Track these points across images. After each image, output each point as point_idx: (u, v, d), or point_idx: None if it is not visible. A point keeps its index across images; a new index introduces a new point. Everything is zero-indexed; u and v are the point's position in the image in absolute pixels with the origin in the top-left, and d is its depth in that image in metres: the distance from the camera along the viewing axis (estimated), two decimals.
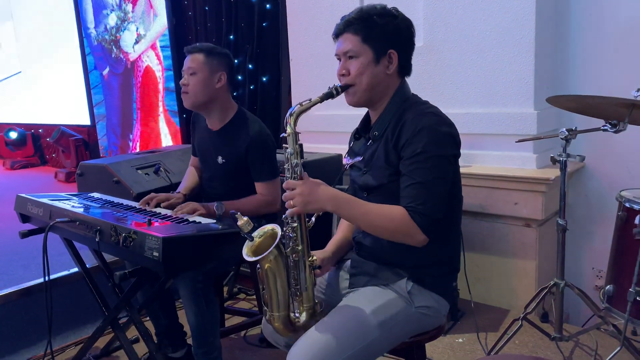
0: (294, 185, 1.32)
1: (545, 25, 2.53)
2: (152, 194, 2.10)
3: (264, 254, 1.29)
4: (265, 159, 2.09)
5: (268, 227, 1.37)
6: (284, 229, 1.36)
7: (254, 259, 1.30)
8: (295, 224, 1.35)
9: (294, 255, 1.36)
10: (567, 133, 1.95)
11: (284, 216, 1.36)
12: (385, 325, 1.36)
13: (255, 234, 1.35)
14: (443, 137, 1.36)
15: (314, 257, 1.40)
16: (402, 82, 1.48)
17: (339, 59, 1.46)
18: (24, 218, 2.17)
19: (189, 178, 2.36)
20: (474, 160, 2.72)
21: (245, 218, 1.33)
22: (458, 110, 2.65)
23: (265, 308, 1.38)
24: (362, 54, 1.40)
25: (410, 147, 1.34)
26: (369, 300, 1.40)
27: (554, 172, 2.39)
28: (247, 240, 1.34)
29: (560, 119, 2.61)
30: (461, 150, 1.44)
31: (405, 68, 1.47)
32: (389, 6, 1.45)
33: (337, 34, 1.46)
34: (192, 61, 2.07)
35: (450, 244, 1.49)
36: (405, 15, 1.46)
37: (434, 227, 1.31)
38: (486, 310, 2.65)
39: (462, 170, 1.49)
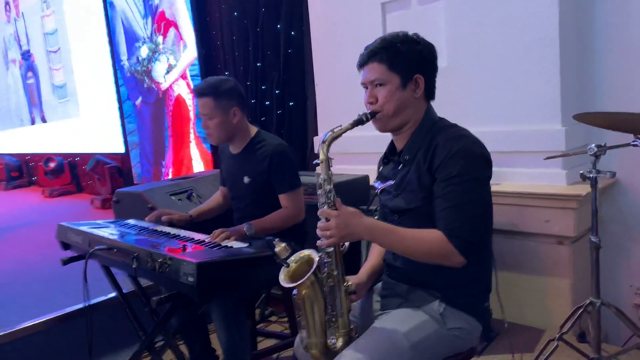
0: (328, 215, 1.33)
1: (570, 41, 2.53)
2: (161, 210, 2.23)
3: (302, 280, 1.31)
4: (286, 170, 2.14)
5: (304, 252, 1.39)
6: (319, 254, 1.38)
7: (291, 285, 1.32)
8: (330, 250, 1.37)
9: (329, 281, 1.38)
10: (596, 149, 1.93)
11: (318, 242, 1.37)
12: (417, 347, 1.36)
13: (291, 259, 1.38)
14: (477, 160, 1.38)
15: (349, 282, 1.42)
16: (428, 106, 1.51)
17: (366, 88, 1.50)
18: (65, 245, 2.27)
19: (207, 202, 2.48)
20: (503, 178, 2.70)
21: (283, 244, 1.35)
22: (484, 129, 2.62)
23: (302, 335, 1.39)
24: (389, 81, 1.44)
25: (445, 169, 1.36)
26: (401, 322, 1.40)
27: (585, 189, 2.36)
28: (283, 267, 1.37)
29: (589, 135, 2.58)
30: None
31: (430, 92, 1.50)
32: (411, 32, 1.49)
33: (361, 64, 1.49)
34: (204, 107, 2.15)
35: (481, 264, 1.48)
36: (428, 37, 1.50)
37: (472, 249, 1.32)
38: (520, 330, 2.60)
39: (491, 188, 1.50)
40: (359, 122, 1.43)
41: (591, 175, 1.95)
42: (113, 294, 2.66)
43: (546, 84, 2.51)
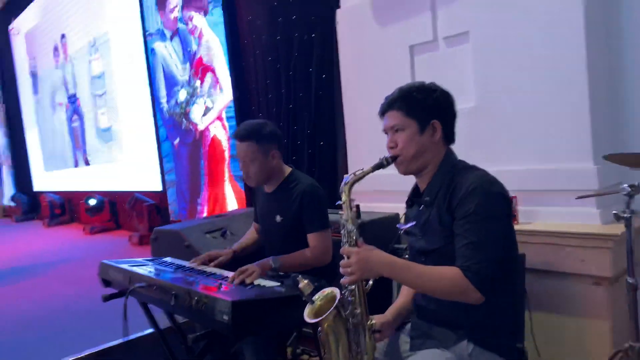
0: (349, 253, 1.40)
1: (599, 79, 2.54)
2: (205, 255, 2.27)
3: (324, 316, 1.35)
4: (316, 210, 2.18)
5: (328, 290, 1.43)
6: (343, 292, 1.42)
7: (314, 320, 1.36)
8: (352, 287, 1.41)
9: (352, 319, 1.41)
10: (629, 189, 1.92)
11: (341, 280, 1.42)
12: None
13: (315, 297, 1.42)
14: (494, 197, 1.42)
15: (373, 321, 1.45)
16: (448, 150, 1.57)
17: (387, 134, 1.58)
18: (106, 283, 2.36)
19: (246, 237, 2.53)
20: (534, 217, 2.68)
21: (306, 281, 1.40)
22: (515, 167, 2.65)
23: None
24: (407, 126, 1.52)
25: (463, 207, 1.40)
26: None
27: (620, 228, 2.31)
28: (308, 304, 1.41)
29: (623, 173, 2.53)
30: (521, 207, 1.48)
31: (449, 136, 1.57)
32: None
33: (382, 113, 1.60)
34: (245, 151, 2.19)
35: (511, 303, 1.49)
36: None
37: (489, 285, 1.34)
38: None
39: (522, 227, 1.53)
40: (380, 166, 1.52)
41: (625, 215, 1.93)
42: (150, 330, 2.73)
43: (576, 123, 2.51)
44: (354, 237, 1.42)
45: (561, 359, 2.58)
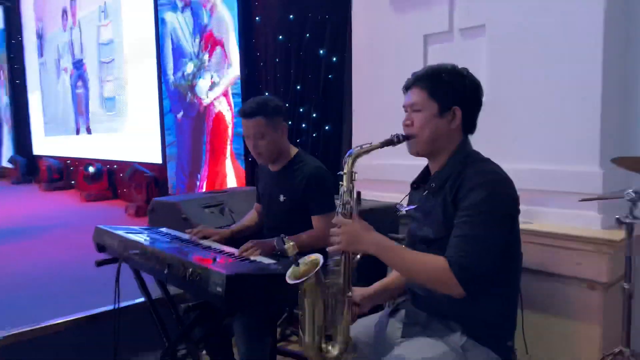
0: (341, 223, 1.39)
1: (613, 83, 2.51)
2: (202, 227, 2.25)
3: (302, 279, 1.34)
4: (322, 193, 2.17)
5: (312, 256, 1.42)
6: (328, 261, 1.41)
7: (294, 281, 1.36)
8: (338, 258, 1.40)
9: (331, 289, 1.40)
10: (633, 195, 1.91)
11: (327, 248, 1.41)
12: None
13: (300, 261, 1.41)
14: (499, 196, 1.38)
15: (351, 294, 1.44)
16: (464, 139, 1.52)
17: (406, 111, 1.53)
18: (100, 248, 2.35)
19: (247, 218, 2.51)
20: (535, 217, 2.67)
21: (292, 243, 1.40)
22: (520, 166, 2.63)
23: (300, 333, 1.42)
24: (426, 107, 1.47)
25: (466, 200, 1.37)
26: (420, 351, 1.40)
27: (620, 234, 2.31)
28: (292, 265, 1.41)
29: (628, 179, 2.52)
30: (522, 206, 1.45)
31: (469, 125, 1.52)
32: (460, 65, 1.52)
33: (406, 87, 1.53)
34: (255, 127, 2.16)
35: (506, 302, 1.48)
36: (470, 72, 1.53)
37: (474, 281, 1.31)
38: None
39: (522, 226, 1.50)
40: (390, 142, 1.47)
41: (627, 221, 1.93)
42: (141, 299, 2.73)
43: (586, 125, 2.49)
44: (349, 209, 1.40)
45: (550, 359, 2.59)
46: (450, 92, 1.46)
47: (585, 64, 2.47)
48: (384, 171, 3.23)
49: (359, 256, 1.45)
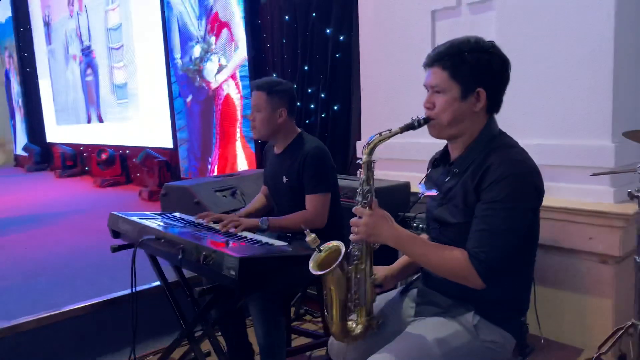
0: (361, 214, 1.38)
1: (625, 55, 2.47)
2: (208, 212, 2.28)
3: (326, 270, 1.35)
4: (316, 172, 2.16)
5: (333, 243, 1.42)
6: (350, 247, 1.42)
7: (318, 272, 1.36)
8: (359, 245, 1.42)
9: (356, 274, 1.42)
10: None
11: (350, 237, 1.42)
12: (448, 356, 1.37)
13: (321, 247, 1.43)
14: (526, 189, 1.34)
15: (376, 275, 1.46)
16: (489, 120, 1.45)
17: (428, 90, 1.45)
18: (115, 234, 2.39)
19: (253, 202, 2.54)
20: (547, 192, 2.63)
21: (313, 235, 1.41)
22: (530, 141, 2.59)
23: (326, 312, 1.44)
24: (448, 90, 1.38)
25: (491, 192, 1.32)
26: (434, 331, 1.42)
27: (633, 207, 2.30)
28: (315, 253, 1.42)
29: None
30: None
31: (494, 105, 1.44)
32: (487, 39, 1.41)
33: (427, 65, 1.44)
34: (256, 99, 2.24)
35: (521, 284, 1.47)
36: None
37: (493, 274, 1.30)
38: (557, 347, 2.55)
39: None
40: (410, 127, 1.40)
41: (639, 195, 1.91)
42: (157, 283, 2.79)
43: (598, 99, 2.46)
44: (369, 198, 1.39)
45: (562, 333, 2.61)
46: (474, 73, 1.37)
47: (596, 36, 2.43)
48: (394, 151, 3.22)
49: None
